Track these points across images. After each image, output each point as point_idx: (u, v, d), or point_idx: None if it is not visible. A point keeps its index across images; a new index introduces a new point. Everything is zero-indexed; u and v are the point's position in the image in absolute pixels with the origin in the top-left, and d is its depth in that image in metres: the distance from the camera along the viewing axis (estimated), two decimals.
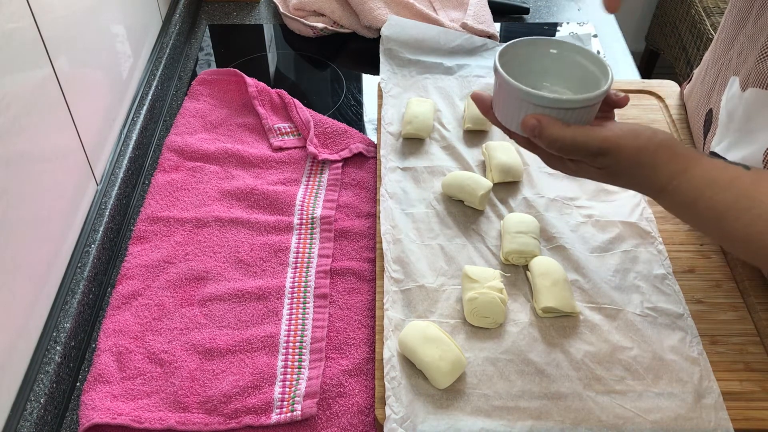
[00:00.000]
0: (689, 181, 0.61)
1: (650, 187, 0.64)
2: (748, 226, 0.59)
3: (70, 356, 0.73)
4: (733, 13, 0.85)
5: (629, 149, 0.61)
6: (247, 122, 1.04)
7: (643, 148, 0.61)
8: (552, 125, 0.61)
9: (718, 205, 0.60)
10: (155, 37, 1.14)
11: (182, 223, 0.88)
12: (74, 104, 0.80)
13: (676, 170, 0.62)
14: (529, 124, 0.62)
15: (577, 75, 0.68)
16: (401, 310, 0.76)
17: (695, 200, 0.62)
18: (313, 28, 1.22)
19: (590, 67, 0.67)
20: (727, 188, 0.60)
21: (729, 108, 0.81)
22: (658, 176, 0.62)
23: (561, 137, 0.61)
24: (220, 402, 0.70)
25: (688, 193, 0.62)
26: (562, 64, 0.70)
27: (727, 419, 0.66)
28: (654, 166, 0.62)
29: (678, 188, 0.62)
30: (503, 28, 1.29)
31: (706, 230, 0.66)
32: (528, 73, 0.68)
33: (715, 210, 0.61)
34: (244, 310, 0.79)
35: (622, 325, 0.74)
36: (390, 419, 0.65)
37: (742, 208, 0.59)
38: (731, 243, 0.64)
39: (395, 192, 0.89)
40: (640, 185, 0.65)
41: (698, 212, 0.62)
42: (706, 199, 0.61)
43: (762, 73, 0.74)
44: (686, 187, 0.62)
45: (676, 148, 0.62)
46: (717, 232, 0.64)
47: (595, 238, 0.84)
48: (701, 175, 0.61)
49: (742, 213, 0.59)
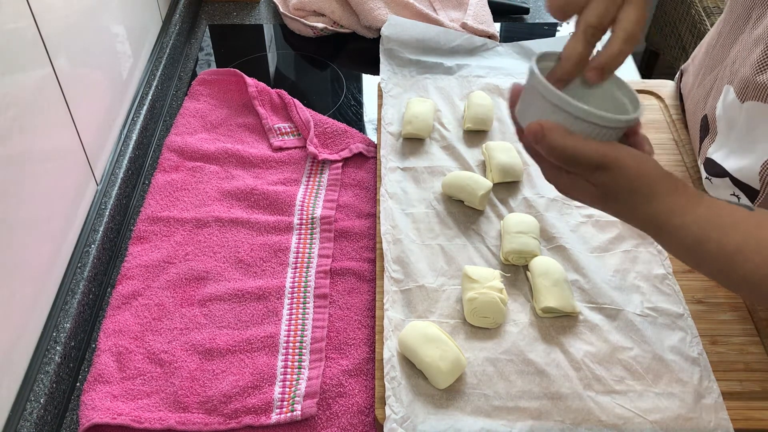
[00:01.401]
0: (695, 222, 0.58)
1: (646, 218, 0.60)
2: (759, 267, 0.57)
3: (70, 356, 0.73)
4: (730, 21, 0.85)
5: (630, 170, 0.58)
6: (247, 122, 1.04)
7: (645, 174, 0.58)
8: (555, 131, 0.58)
9: (726, 247, 0.58)
10: (155, 37, 1.14)
11: (182, 223, 0.88)
12: (74, 104, 0.80)
13: (676, 207, 0.59)
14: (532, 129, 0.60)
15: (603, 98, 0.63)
16: (401, 310, 0.76)
17: (701, 242, 0.58)
18: (313, 28, 1.22)
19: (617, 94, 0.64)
20: (734, 229, 0.58)
21: (728, 117, 0.81)
22: (655, 208, 0.59)
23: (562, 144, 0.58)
24: (220, 402, 0.70)
25: (694, 233, 0.58)
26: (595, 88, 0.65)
27: (727, 419, 0.66)
28: (651, 195, 0.59)
29: (682, 227, 0.59)
30: (503, 28, 1.29)
31: (711, 273, 0.62)
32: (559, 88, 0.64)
33: (724, 253, 0.58)
34: (244, 310, 0.79)
35: (622, 325, 0.74)
36: (390, 419, 0.65)
37: (752, 250, 0.57)
38: (737, 286, 0.61)
39: (395, 192, 0.89)
40: (634, 214, 0.61)
41: (705, 254, 0.59)
42: (713, 241, 0.58)
43: (760, 86, 0.74)
44: (692, 227, 0.58)
45: (678, 185, 0.59)
46: (723, 275, 0.61)
47: (595, 238, 0.84)
48: (707, 215, 0.59)
49: (752, 255, 0.57)
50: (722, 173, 0.81)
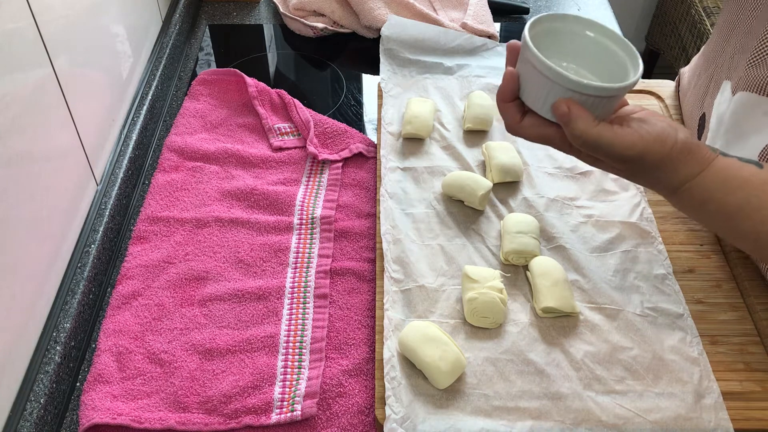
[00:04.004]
0: (700, 184, 0.62)
1: (665, 186, 0.64)
2: (759, 224, 0.60)
3: (70, 356, 0.73)
4: (726, 17, 0.85)
5: (653, 156, 0.61)
6: (247, 122, 1.04)
7: (667, 156, 0.61)
8: (581, 119, 0.59)
9: (727, 206, 0.61)
10: (155, 37, 1.14)
11: (182, 223, 0.88)
12: (74, 104, 0.80)
13: (690, 173, 0.62)
14: (560, 110, 0.60)
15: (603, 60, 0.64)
16: (401, 310, 0.76)
17: (705, 202, 0.62)
18: (313, 28, 1.22)
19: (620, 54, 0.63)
20: (738, 189, 0.61)
21: (719, 112, 0.81)
22: (675, 178, 0.63)
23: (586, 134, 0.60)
24: (220, 402, 0.70)
25: (700, 195, 0.62)
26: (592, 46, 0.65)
27: (727, 419, 0.66)
28: (674, 170, 0.62)
29: (690, 190, 0.63)
30: (503, 28, 1.29)
31: (718, 230, 0.68)
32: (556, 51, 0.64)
33: (725, 211, 0.62)
34: (244, 310, 0.79)
35: (622, 325, 0.74)
36: (390, 419, 0.65)
37: (753, 208, 0.60)
38: (742, 242, 0.65)
39: (395, 192, 0.89)
40: (655, 185, 0.66)
41: (709, 213, 0.63)
42: (716, 201, 0.62)
43: (752, 77, 0.74)
44: (697, 190, 0.62)
45: (694, 150, 0.62)
46: (728, 231, 0.65)
47: (595, 238, 0.84)
48: (713, 177, 0.62)
49: (753, 212, 0.60)
50: None
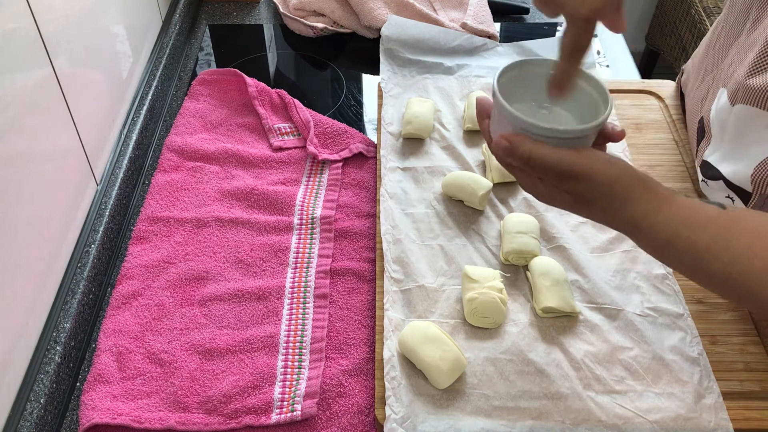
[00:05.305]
0: (662, 220, 0.59)
1: (623, 221, 0.61)
2: (727, 265, 0.56)
3: (70, 356, 0.73)
4: (729, 22, 0.85)
5: (601, 177, 0.58)
6: (247, 122, 1.04)
7: (617, 179, 0.59)
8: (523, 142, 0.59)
9: (695, 244, 0.57)
10: (155, 37, 1.14)
11: (182, 223, 0.88)
12: (74, 104, 0.80)
13: (650, 208, 0.59)
14: (501, 146, 0.60)
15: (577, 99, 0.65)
16: (401, 310, 0.76)
17: (671, 239, 0.59)
18: (313, 28, 1.22)
19: (593, 94, 0.64)
20: (704, 228, 0.58)
21: (720, 120, 0.81)
22: (631, 211, 0.60)
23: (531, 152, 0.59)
24: (220, 402, 0.70)
25: (665, 232, 0.59)
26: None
27: (727, 419, 0.66)
28: (627, 199, 0.59)
29: (653, 227, 0.59)
30: (503, 28, 1.29)
31: (685, 270, 0.62)
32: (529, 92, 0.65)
33: (694, 249, 0.58)
34: (244, 310, 0.79)
35: (622, 325, 0.74)
36: (390, 419, 0.65)
37: (721, 247, 0.56)
38: (710, 283, 0.61)
39: (395, 192, 0.89)
40: (612, 219, 0.62)
41: (675, 252, 0.59)
42: (683, 238, 0.58)
43: (750, 89, 0.74)
44: (662, 226, 0.59)
45: (651, 185, 0.60)
46: (697, 273, 0.60)
47: (595, 238, 0.84)
48: (676, 214, 0.59)
49: (721, 252, 0.56)
50: (717, 176, 0.81)
